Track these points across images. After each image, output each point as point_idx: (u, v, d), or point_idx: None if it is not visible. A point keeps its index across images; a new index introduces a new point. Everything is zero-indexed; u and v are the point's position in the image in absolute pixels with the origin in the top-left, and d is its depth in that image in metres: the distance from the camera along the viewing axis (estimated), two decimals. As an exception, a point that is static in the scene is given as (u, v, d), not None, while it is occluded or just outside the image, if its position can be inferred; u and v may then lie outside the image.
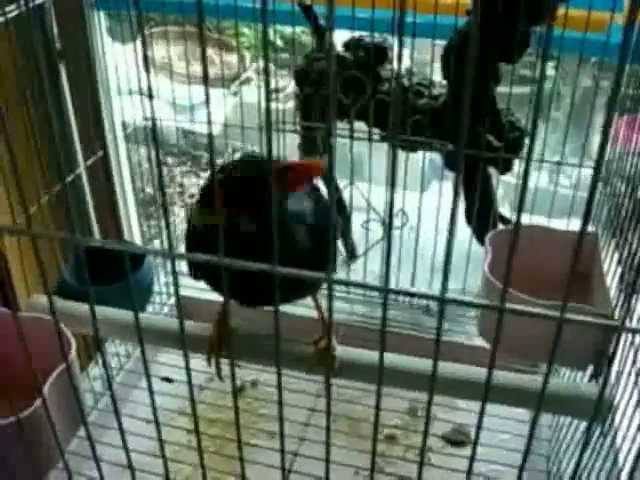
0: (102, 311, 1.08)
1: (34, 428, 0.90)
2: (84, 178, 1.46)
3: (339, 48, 1.41)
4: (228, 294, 0.96)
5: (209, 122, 0.52)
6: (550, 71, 2.41)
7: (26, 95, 1.16)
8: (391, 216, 0.48)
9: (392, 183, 0.50)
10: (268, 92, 0.43)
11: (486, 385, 0.59)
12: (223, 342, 1.03)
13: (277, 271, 0.53)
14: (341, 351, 1.02)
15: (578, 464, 0.69)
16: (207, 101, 0.50)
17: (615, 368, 0.99)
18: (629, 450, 0.90)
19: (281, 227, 0.86)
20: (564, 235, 1.20)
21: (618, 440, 0.94)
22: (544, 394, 0.59)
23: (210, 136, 0.52)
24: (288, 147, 1.45)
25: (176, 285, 0.58)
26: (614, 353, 0.96)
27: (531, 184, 1.45)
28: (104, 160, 1.46)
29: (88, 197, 1.52)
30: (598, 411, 0.65)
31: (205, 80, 0.49)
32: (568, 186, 1.98)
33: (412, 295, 0.52)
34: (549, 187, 1.62)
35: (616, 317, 1.01)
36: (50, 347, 0.79)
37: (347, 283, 0.53)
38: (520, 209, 0.52)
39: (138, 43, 1.36)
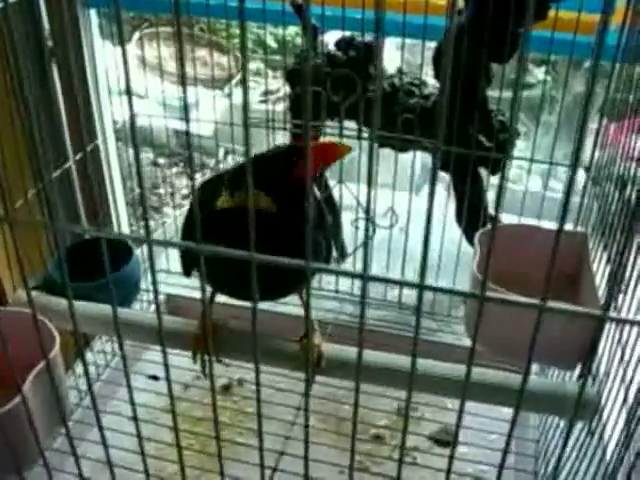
0: (87, 307, 1.07)
1: (14, 424, 0.89)
2: (74, 174, 1.46)
3: (330, 47, 1.41)
4: (207, 282, 0.96)
5: (187, 119, 0.51)
6: (541, 75, 2.42)
7: (15, 88, 1.16)
8: (369, 204, 0.48)
9: (370, 167, 0.49)
10: (245, 71, 0.42)
11: (466, 377, 0.59)
12: (208, 338, 1.02)
13: (255, 258, 0.53)
14: (327, 349, 1.01)
15: (559, 461, 0.69)
16: (184, 99, 0.50)
17: (603, 367, 0.98)
18: (615, 449, 0.89)
19: (301, 213, 0.84)
20: (554, 234, 1.20)
21: (605, 438, 0.94)
22: (524, 390, 0.58)
23: (187, 134, 0.52)
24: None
25: (153, 272, 0.57)
26: (595, 345, 0.96)
27: (522, 187, 1.45)
28: (94, 156, 1.45)
29: (78, 196, 1.52)
30: (578, 408, 0.64)
31: (183, 79, 0.49)
32: (559, 190, 1.99)
33: (390, 282, 0.51)
34: (541, 191, 1.62)
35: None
36: (34, 342, 0.79)
37: (326, 270, 0.52)
38: (500, 197, 0.51)
39: (131, 43, 1.36)
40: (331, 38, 1.48)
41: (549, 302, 0.51)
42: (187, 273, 1.06)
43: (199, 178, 2.28)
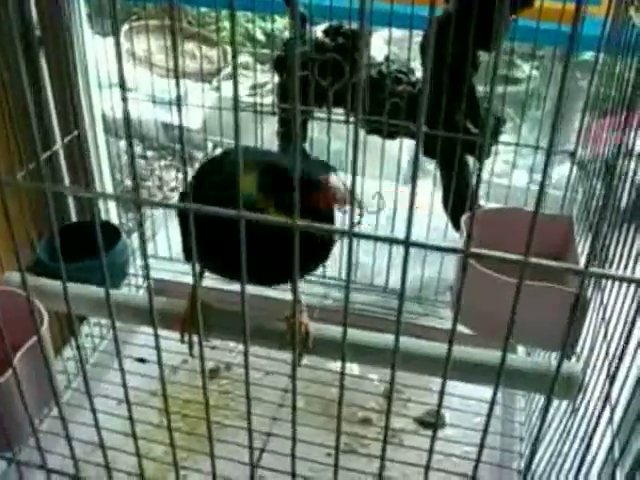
0: (75, 288, 1.07)
1: (4, 401, 0.89)
2: (62, 162, 1.46)
3: (318, 34, 1.42)
4: (204, 263, 0.96)
5: (179, 104, 0.52)
6: (528, 70, 2.44)
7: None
8: (355, 170, 0.49)
9: (355, 146, 0.50)
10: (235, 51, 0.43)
11: (448, 352, 0.59)
12: (196, 318, 1.02)
13: (243, 215, 0.53)
14: (314, 328, 1.02)
15: (537, 438, 0.69)
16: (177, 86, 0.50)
17: (588, 345, 0.99)
18: (596, 425, 0.90)
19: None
20: (541, 218, 1.21)
21: (587, 416, 0.95)
22: (510, 368, 0.59)
23: (180, 129, 0.52)
24: (266, 135, 1.46)
25: (142, 235, 0.58)
26: (577, 302, 0.96)
27: (506, 181, 1.47)
28: (81, 147, 1.45)
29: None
30: (554, 384, 0.65)
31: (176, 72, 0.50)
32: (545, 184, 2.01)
33: (376, 239, 0.52)
34: (525, 186, 1.63)
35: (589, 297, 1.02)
36: (22, 322, 0.78)
37: (312, 227, 0.53)
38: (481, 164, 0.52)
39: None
40: (319, 28, 1.49)
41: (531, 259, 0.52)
42: (189, 258, 1.04)
43: (188, 170, 2.28)
